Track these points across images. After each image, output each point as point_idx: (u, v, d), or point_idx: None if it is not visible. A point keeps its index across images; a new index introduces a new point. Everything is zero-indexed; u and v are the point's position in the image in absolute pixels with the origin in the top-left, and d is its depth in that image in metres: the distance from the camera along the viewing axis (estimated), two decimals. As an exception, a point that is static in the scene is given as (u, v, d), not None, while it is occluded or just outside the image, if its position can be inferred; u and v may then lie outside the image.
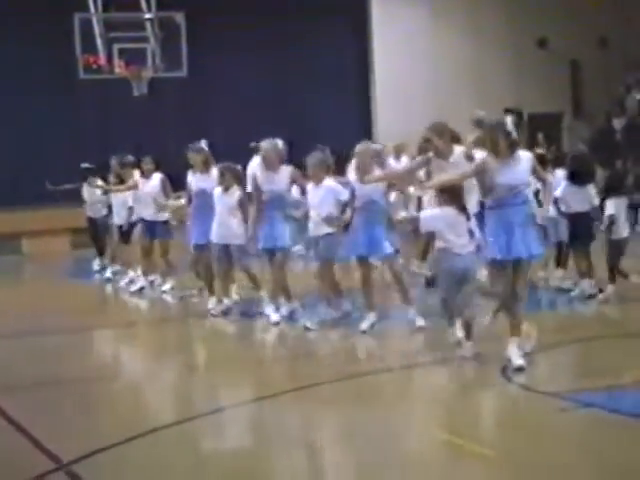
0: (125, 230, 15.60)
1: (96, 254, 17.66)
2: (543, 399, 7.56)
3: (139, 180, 14.71)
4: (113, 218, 16.12)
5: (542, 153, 13.82)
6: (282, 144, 11.35)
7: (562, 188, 11.19)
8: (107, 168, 16.37)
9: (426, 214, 8.94)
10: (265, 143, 11.36)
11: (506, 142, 8.22)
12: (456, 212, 8.62)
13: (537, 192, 11.25)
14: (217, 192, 11.81)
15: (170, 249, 14.54)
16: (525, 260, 8.28)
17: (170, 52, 20.71)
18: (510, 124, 8.28)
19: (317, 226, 10.85)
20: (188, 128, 23.22)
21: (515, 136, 8.29)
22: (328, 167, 11.06)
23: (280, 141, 11.34)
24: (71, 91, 22.32)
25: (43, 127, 22.52)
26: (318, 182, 10.85)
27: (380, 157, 10.66)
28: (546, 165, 11.70)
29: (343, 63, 25.00)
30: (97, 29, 20.32)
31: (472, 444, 6.44)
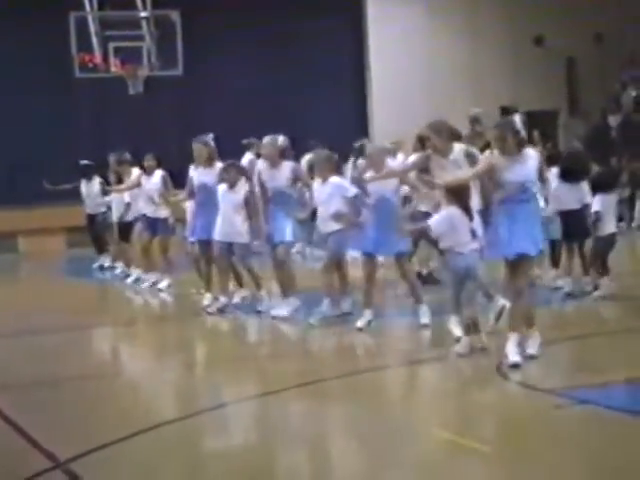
0: (124, 228, 15.60)
1: (95, 253, 17.65)
2: (538, 396, 7.58)
3: (139, 177, 14.75)
4: (112, 215, 16.14)
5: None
6: (283, 140, 11.26)
7: (555, 186, 11.22)
8: (104, 166, 16.40)
9: (434, 220, 8.97)
10: (266, 139, 11.34)
11: (514, 140, 8.31)
12: (460, 211, 8.71)
13: None
14: (222, 189, 11.70)
15: (170, 246, 14.57)
16: (529, 256, 8.35)
17: (166, 51, 20.69)
18: (519, 122, 8.33)
19: (325, 223, 10.82)
20: (184, 126, 23.20)
21: (523, 134, 8.35)
22: (334, 164, 11.07)
23: (282, 137, 11.27)
24: (67, 90, 22.28)
25: (39, 126, 22.48)
26: (324, 179, 10.84)
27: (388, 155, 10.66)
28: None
29: (339, 62, 24.98)
30: (93, 27, 20.29)
31: (468, 441, 6.45)
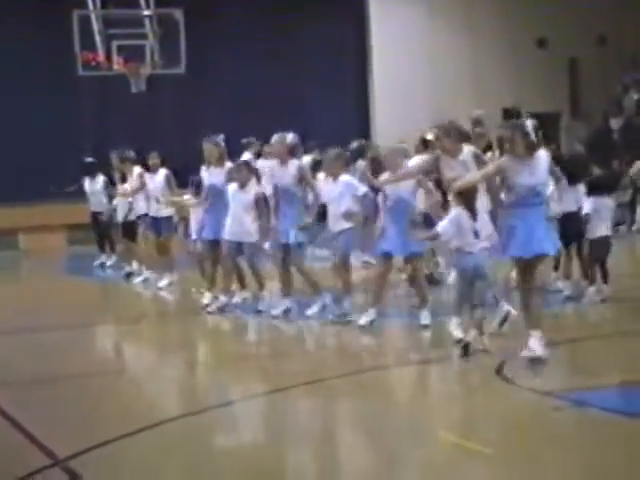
0: (129, 227, 15.56)
1: (98, 250, 17.65)
2: (537, 398, 7.58)
3: (140, 177, 14.79)
4: (118, 215, 16.12)
5: None
6: (292, 137, 11.18)
7: (552, 188, 11.21)
8: (107, 164, 16.39)
9: (442, 225, 9.01)
10: (275, 137, 11.29)
11: (524, 142, 8.34)
12: (466, 212, 8.79)
13: None
14: (232, 189, 11.69)
15: (172, 245, 14.59)
16: (542, 256, 8.43)
17: (169, 49, 20.71)
18: (530, 125, 8.35)
19: (336, 221, 10.80)
20: (186, 125, 23.28)
21: (533, 137, 8.35)
22: (344, 162, 11.06)
23: (291, 134, 11.21)
24: (70, 88, 22.29)
25: (42, 123, 22.49)
26: (335, 177, 10.83)
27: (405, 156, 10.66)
28: None
29: (341, 63, 25.00)
30: (96, 26, 20.31)
31: (467, 442, 6.46)
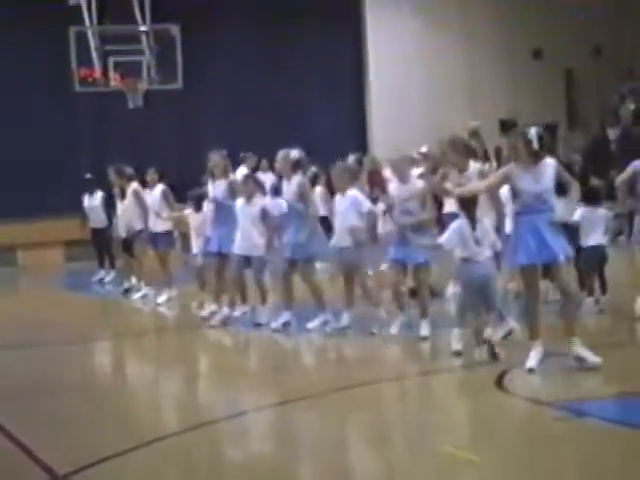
0: (128, 242, 15.55)
1: (98, 266, 17.63)
2: (537, 408, 7.59)
3: (137, 193, 14.88)
4: (117, 230, 16.11)
5: None
6: (295, 153, 11.19)
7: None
8: (105, 180, 16.37)
9: (445, 237, 9.05)
10: (279, 153, 11.33)
11: (526, 150, 8.35)
12: (467, 222, 8.83)
13: None
14: (239, 203, 11.72)
15: (170, 260, 14.59)
16: (559, 263, 8.42)
17: (165, 64, 20.73)
18: (534, 134, 8.35)
19: (340, 236, 10.77)
20: (184, 140, 23.32)
21: (536, 145, 8.33)
22: (352, 175, 11.03)
23: (295, 150, 11.24)
24: (67, 104, 22.31)
25: (39, 140, 22.48)
26: (343, 191, 10.77)
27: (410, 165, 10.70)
28: None
29: (338, 75, 25.02)
30: (92, 42, 20.33)
31: (466, 453, 6.44)
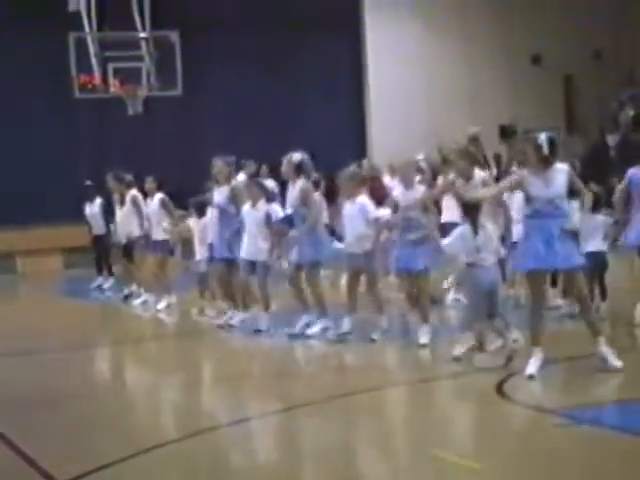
0: (128, 248, 15.56)
1: (96, 273, 17.62)
2: (537, 415, 7.57)
3: (135, 199, 14.86)
4: (116, 236, 16.10)
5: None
6: (297, 156, 11.16)
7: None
8: (104, 187, 16.36)
9: (448, 241, 9.06)
10: (285, 157, 11.33)
11: (536, 156, 8.35)
12: (470, 228, 8.84)
13: None
14: (245, 208, 11.77)
15: (168, 267, 14.57)
16: (572, 271, 8.42)
17: (165, 71, 20.75)
18: (544, 139, 8.33)
19: (349, 242, 10.71)
20: (183, 146, 23.32)
21: (546, 151, 8.32)
22: (362, 181, 10.97)
23: (297, 154, 11.21)
24: (67, 111, 22.31)
25: (39, 146, 22.48)
26: (352, 198, 10.69)
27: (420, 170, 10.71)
28: None
29: (338, 80, 25.03)
30: (92, 48, 20.35)
31: (466, 460, 6.42)
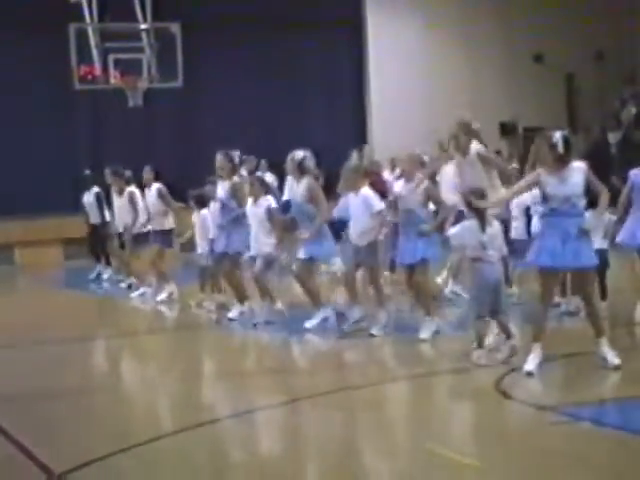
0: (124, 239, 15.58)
1: (96, 263, 17.60)
2: (534, 412, 7.56)
3: (132, 195, 14.90)
4: (114, 226, 16.10)
5: (517, 167, 13.61)
6: (300, 154, 11.21)
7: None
8: (103, 178, 16.34)
9: (455, 231, 9.08)
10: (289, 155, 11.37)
11: (551, 154, 8.34)
12: (478, 224, 8.84)
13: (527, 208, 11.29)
14: (249, 204, 11.82)
15: (165, 258, 14.56)
16: (585, 271, 8.46)
17: (166, 62, 20.66)
18: (558, 138, 8.30)
19: (356, 235, 10.68)
20: (183, 138, 23.31)
21: (561, 149, 8.30)
22: (365, 174, 10.98)
23: (300, 151, 11.25)
24: (67, 102, 22.29)
25: (38, 138, 22.46)
26: (355, 190, 10.72)
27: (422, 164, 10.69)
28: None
29: (339, 76, 25.03)
30: (92, 39, 20.27)
31: (462, 456, 6.42)
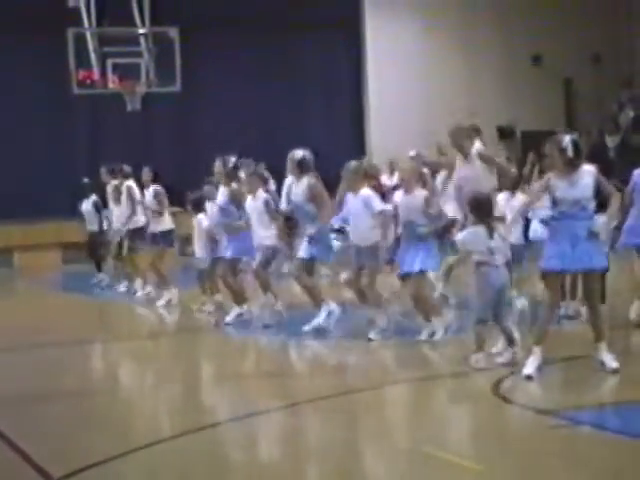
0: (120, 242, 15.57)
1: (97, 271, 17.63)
2: (533, 416, 7.55)
3: (130, 190, 14.92)
4: (111, 233, 16.09)
5: (515, 172, 13.58)
6: (299, 153, 11.20)
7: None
8: (101, 183, 16.35)
9: (462, 236, 9.08)
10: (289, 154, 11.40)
11: (562, 158, 8.34)
12: (485, 229, 8.84)
13: None
14: (248, 201, 11.86)
15: (165, 260, 14.57)
16: (593, 272, 8.44)
17: (164, 67, 20.69)
18: (567, 141, 8.31)
19: (359, 236, 10.68)
20: (182, 143, 23.31)
21: (571, 153, 8.30)
22: (365, 175, 10.99)
23: (300, 151, 11.24)
24: (65, 106, 22.29)
25: (37, 142, 22.48)
26: (355, 191, 10.73)
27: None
28: (518, 185, 11.93)
29: (337, 79, 25.04)
30: (91, 44, 20.29)
31: (460, 459, 6.41)
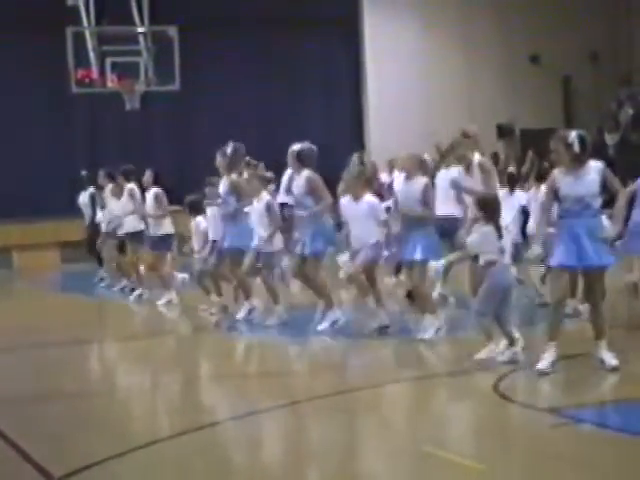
0: (121, 241, 15.58)
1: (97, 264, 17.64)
2: (534, 414, 7.54)
3: (131, 192, 14.86)
4: (107, 227, 16.10)
5: (512, 172, 13.56)
6: (298, 146, 11.13)
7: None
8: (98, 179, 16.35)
9: (473, 238, 9.07)
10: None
11: (568, 154, 8.33)
12: (492, 229, 8.84)
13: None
14: (251, 205, 11.86)
15: (165, 263, 14.55)
16: (597, 269, 8.45)
17: (163, 66, 20.66)
18: (574, 137, 8.31)
19: (360, 241, 10.62)
20: (180, 142, 23.31)
21: (577, 149, 8.30)
22: (367, 180, 10.94)
23: (298, 144, 11.19)
24: (64, 106, 22.30)
25: (36, 141, 22.47)
26: (357, 197, 10.63)
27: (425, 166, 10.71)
28: (515, 184, 11.99)
29: (336, 77, 25.06)
30: (90, 43, 20.26)
31: (462, 458, 6.40)
